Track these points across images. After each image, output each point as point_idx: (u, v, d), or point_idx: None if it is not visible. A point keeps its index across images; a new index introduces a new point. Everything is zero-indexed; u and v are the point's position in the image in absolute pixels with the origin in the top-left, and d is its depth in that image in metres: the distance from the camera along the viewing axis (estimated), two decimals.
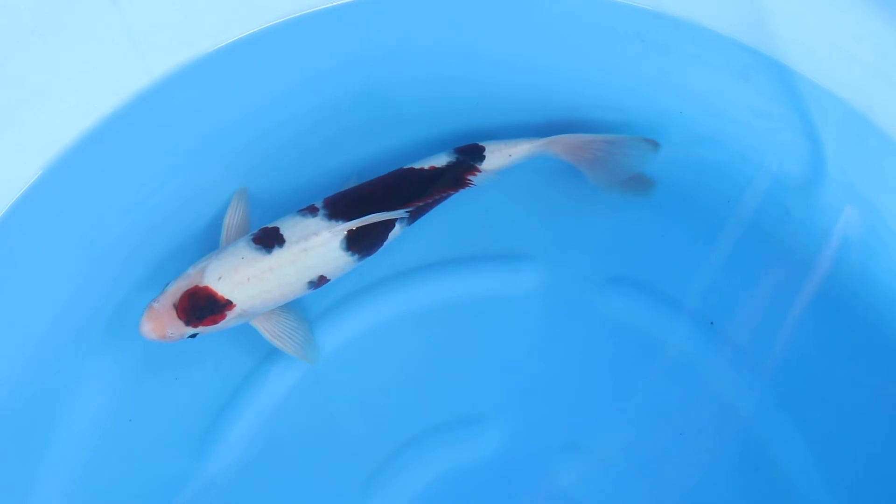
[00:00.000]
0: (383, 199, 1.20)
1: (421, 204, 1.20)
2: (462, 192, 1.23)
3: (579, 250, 1.32)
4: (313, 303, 1.29)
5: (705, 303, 1.29)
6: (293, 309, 1.25)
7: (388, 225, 1.20)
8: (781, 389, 1.26)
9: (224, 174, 1.29)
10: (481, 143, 1.25)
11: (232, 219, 1.24)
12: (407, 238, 1.25)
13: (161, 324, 1.14)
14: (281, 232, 1.17)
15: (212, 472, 1.27)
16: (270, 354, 1.29)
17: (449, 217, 1.30)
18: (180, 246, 1.29)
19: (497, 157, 1.24)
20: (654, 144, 1.25)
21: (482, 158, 1.24)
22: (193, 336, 1.17)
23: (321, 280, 1.20)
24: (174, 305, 1.14)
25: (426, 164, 1.23)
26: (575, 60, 1.27)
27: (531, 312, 1.31)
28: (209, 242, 1.27)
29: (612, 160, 1.25)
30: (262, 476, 1.28)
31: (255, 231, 1.18)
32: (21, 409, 1.23)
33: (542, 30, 1.26)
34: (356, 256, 1.20)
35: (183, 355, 1.28)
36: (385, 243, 1.22)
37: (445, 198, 1.23)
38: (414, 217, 1.23)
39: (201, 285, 1.15)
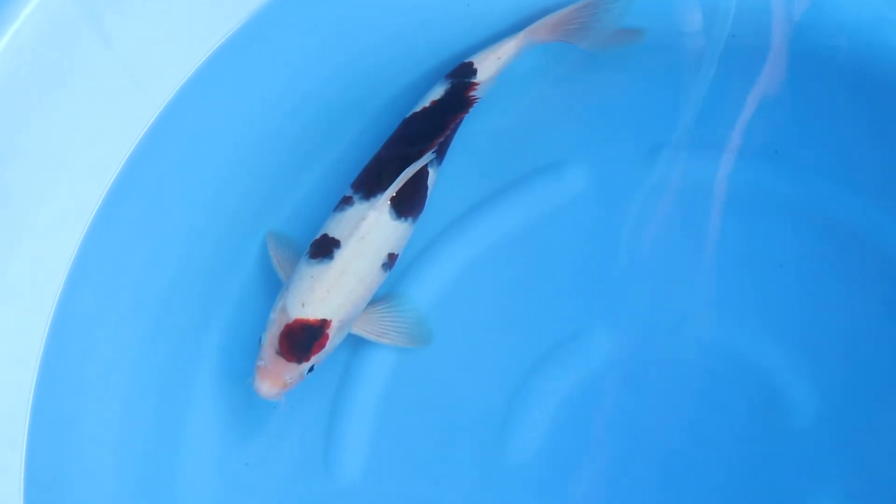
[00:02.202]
0: (404, 153, 1.19)
1: (441, 139, 1.19)
2: (478, 122, 1.23)
3: (610, 134, 1.32)
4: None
5: (752, 134, 1.29)
6: (385, 300, 1.24)
7: (423, 175, 1.19)
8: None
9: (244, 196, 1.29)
10: (467, 60, 1.25)
11: (278, 254, 1.24)
12: (446, 185, 1.25)
13: (277, 376, 1.13)
14: (331, 236, 1.16)
15: (348, 478, 1.25)
16: (359, 344, 1.26)
17: (477, 153, 1.30)
18: (241, 294, 1.28)
19: (487, 64, 1.24)
20: None
21: (474, 72, 1.24)
22: (311, 370, 1.15)
23: (392, 258, 1.19)
24: (278, 353, 1.12)
25: (426, 102, 1.23)
26: None
27: (588, 212, 1.31)
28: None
29: (593, 22, 1.24)
30: (396, 460, 1.26)
31: (308, 248, 1.18)
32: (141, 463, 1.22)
33: None
34: (409, 220, 1.19)
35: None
36: (428, 194, 1.21)
37: (460, 123, 1.22)
38: (441, 155, 1.22)
39: (291, 321, 1.13)
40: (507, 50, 1.24)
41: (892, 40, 1.25)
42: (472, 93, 1.22)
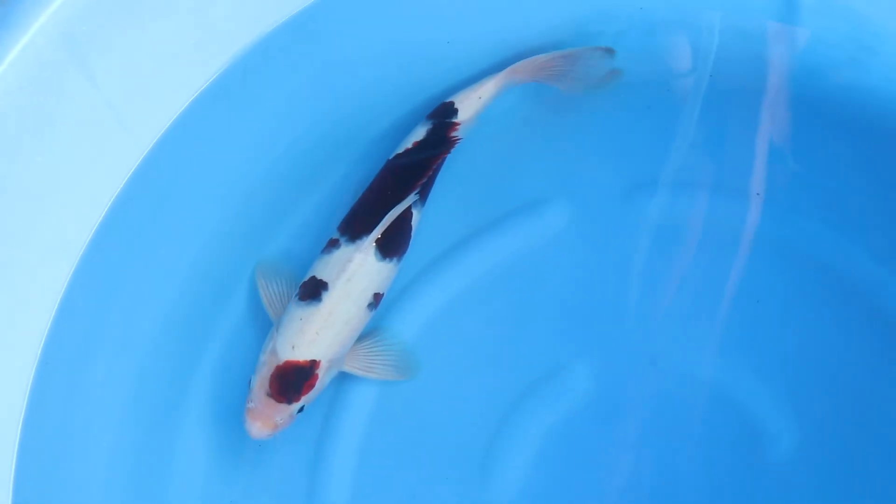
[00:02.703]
0: (388, 196, 1.20)
1: (424, 181, 1.21)
2: (460, 162, 1.25)
3: (591, 173, 1.33)
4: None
5: (727, 172, 1.31)
6: (371, 335, 1.26)
7: (407, 216, 1.21)
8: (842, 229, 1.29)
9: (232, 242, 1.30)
10: (448, 100, 1.26)
11: (267, 294, 1.25)
12: (430, 225, 1.26)
13: (267, 417, 1.15)
14: (319, 277, 1.18)
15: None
16: (343, 377, 1.27)
17: (460, 192, 1.31)
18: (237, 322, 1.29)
19: (468, 104, 1.25)
20: (609, 51, 1.27)
21: (455, 112, 1.25)
22: (301, 410, 1.17)
23: (377, 298, 1.21)
24: (268, 395, 1.15)
25: (409, 143, 1.24)
26: None
27: (570, 248, 1.32)
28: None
29: (574, 71, 1.26)
30: (380, 493, 1.27)
31: (297, 291, 1.19)
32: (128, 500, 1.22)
33: None
34: (395, 260, 1.21)
35: None
36: (412, 234, 1.23)
37: (442, 163, 1.23)
38: (424, 195, 1.23)
39: (281, 363, 1.15)
40: (487, 90, 1.25)
41: (869, 82, 1.26)
42: (453, 133, 1.24)
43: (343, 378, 1.27)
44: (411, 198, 1.19)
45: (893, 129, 1.27)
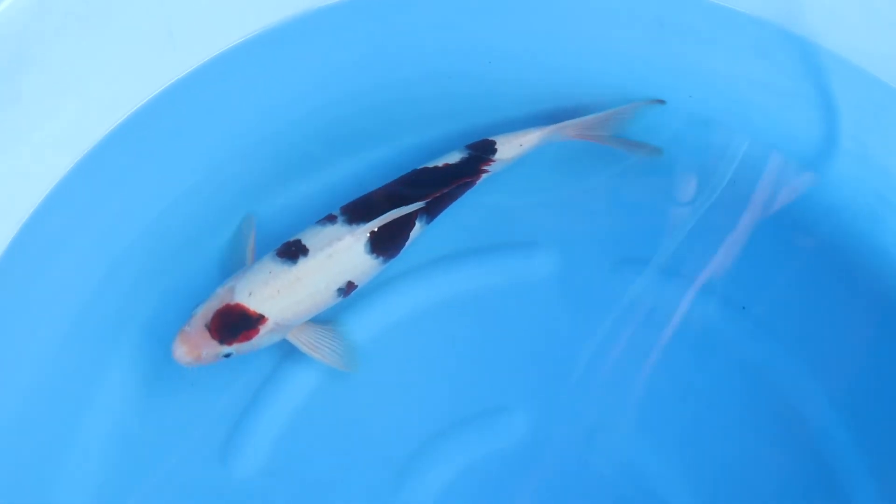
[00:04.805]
0: (400, 199, 1.22)
1: (438, 195, 1.22)
2: (471, 189, 1.26)
3: (589, 235, 1.35)
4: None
5: (724, 282, 1.32)
6: (328, 322, 1.26)
7: (409, 224, 1.22)
8: (806, 359, 1.29)
9: (232, 192, 1.31)
10: (491, 138, 1.27)
11: (253, 241, 1.26)
12: (421, 235, 1.27)
13: (195, 346, 1.14)
14: (304, 243, 1.18)
15: (239, 476, 1.25)
16: (290, 354, 1.28)
17: (460, 212, 1.31)
18: (202, 265, 1.30)
19: (509, 148, 1.27)
20: (660, 102, 1.29)
21: (494, 150, 1.27)
22: (228, 356, 1.17)
23: (349, 287, 1.21)
24: (206, 326, 1.14)
25: (440, 163, 1.26)
26: (588, 46, 1.31)
27: (547, 299, 1.33)
28: (227, 265, 1.29)
29: (620, 128, 1.29)
30: (290, 477, 1.26)
31: (279, 246, 1.19)
32: (40, 416, 1.22)
33: (559, 12, 1.30)
34: (380, 259, 1.21)
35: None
36: (407, 243, 1.23)
37: (462, 192, 1.26)
38: (432, 215, 1.24)
39: (232, 303, 1.15)
40: (530, 139, 1.28)
41: (877, 232, 1.29)
42: (485, 167, 1.26)
43: (288, 354, 1.27)
44: (418, 204, 1.20)
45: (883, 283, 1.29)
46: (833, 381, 1.28)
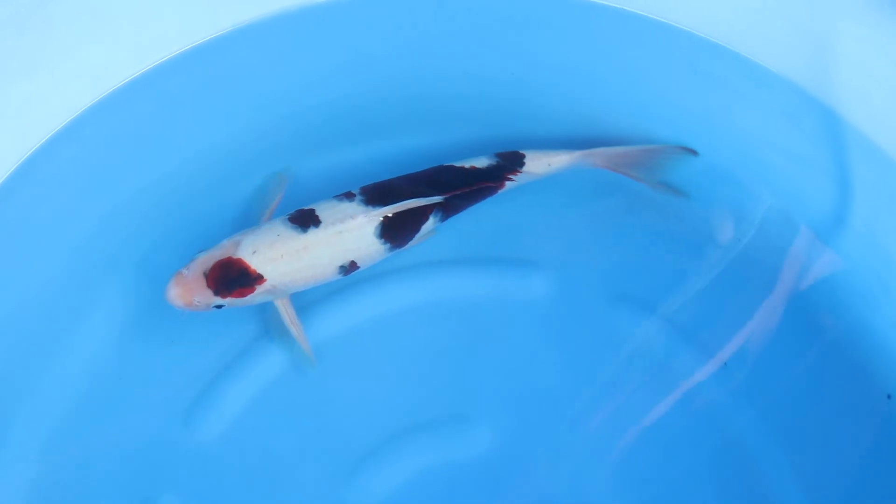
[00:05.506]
0: (420, 191, 1.22)
1: (459, 193, 1.23)
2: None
3: (590, 264, 1.34)
4: (317, 286, 1.28)
5: (711, 335, 1.31)
6: None
7: (423, 217, 1.22)
8: (778, 426, 1.28)
9: (260, 151, 1.32)
10: (521, 151, 1.28)
11: (277, 198, 1.27)
12: (430, 232, 1.26)
13: (189, 291, 1.15)
14: (317, 213, 1.19)
15: (197, 440, 1.26)
16: (269, 331, 1.29)
17: (464, 219, 1.30)
18: (206, 219, 1.31)
19: (537, 164, 1.27)
20: (692, 152, 1.29)
21: (522, 164, 1.27)
22: (219, 307, 1.17)
23: (352, 266, 1.21)
24: (204, 274, 1.15)
25: (467, 164, 1.26)
26: (622, 81, 1.30)
27: (535, 320, 1.32)
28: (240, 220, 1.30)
29: (649, 165, 1.29)
30: (248, 451, 1.27)
31: (292, 211, 1.20)
32: (18, 340, 1.23)
33: (596, 44, 1.29)
34: (388, 246, 1.21)
35: (182, 321, 1.26)
36: (416, 236, 1.24)
37: (481, 197, 1.26)
38: (447, 214, 1.25)
39: (235, 257, 1.16)
40: (559, 161, 1.28)
41: (871, 314, 1.27)
42: (511, 176, 1.26)
43: (267, 334, 1.29)
44: (437, 198, 1.21)
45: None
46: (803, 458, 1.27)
